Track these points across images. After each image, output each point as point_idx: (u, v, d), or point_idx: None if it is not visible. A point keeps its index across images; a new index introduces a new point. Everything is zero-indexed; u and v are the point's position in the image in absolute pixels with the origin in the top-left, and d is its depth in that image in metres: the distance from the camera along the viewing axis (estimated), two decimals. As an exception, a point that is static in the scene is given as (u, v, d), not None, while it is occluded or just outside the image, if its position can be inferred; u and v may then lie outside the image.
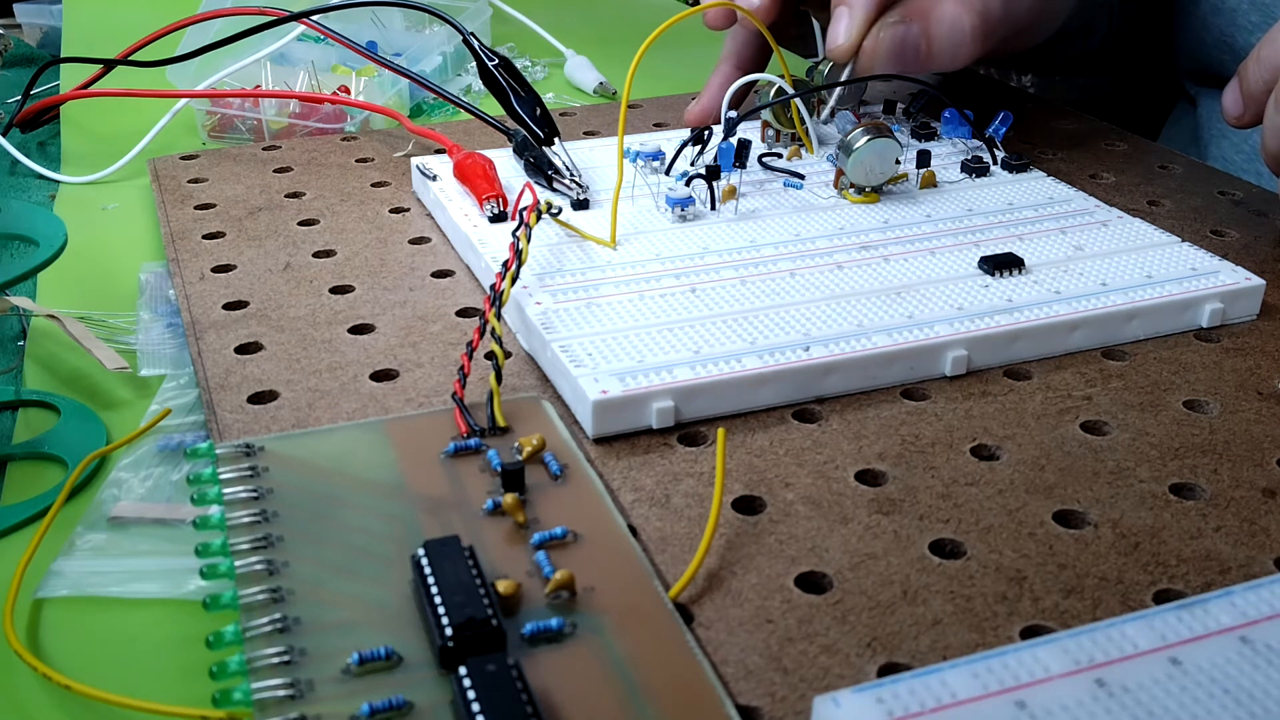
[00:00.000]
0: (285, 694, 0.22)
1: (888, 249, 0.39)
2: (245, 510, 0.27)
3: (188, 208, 0.46)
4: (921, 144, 0.48)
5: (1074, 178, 0.48)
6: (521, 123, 0.47)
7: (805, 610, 0.26)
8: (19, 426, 0.35)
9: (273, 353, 0.36)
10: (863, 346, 0.34)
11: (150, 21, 0.56)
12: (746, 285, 0.37)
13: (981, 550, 0.28)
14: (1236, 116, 0.42)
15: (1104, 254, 0.39)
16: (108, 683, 0.25)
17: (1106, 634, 0.22)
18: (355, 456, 0.29)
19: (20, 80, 0.65)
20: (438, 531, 0.27)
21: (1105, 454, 0.31)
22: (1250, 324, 0.38)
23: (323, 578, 0.25)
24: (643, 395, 0.31)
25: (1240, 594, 0.23)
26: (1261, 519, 0.29)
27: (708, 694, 0.23)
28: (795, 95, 0.46)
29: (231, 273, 0.41)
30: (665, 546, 0.28)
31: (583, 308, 0.35)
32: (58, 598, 0.28)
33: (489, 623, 0.23)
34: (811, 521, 0.29)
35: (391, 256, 0.42)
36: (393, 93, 0.59)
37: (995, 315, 0.35)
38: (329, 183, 0.49)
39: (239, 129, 0.56)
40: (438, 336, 0.37)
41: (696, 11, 0.45)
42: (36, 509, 0.31)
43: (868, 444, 0.32)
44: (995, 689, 0.21)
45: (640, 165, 0.45)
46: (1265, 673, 0.22)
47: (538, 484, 0.29)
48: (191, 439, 0.33)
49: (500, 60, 0.49)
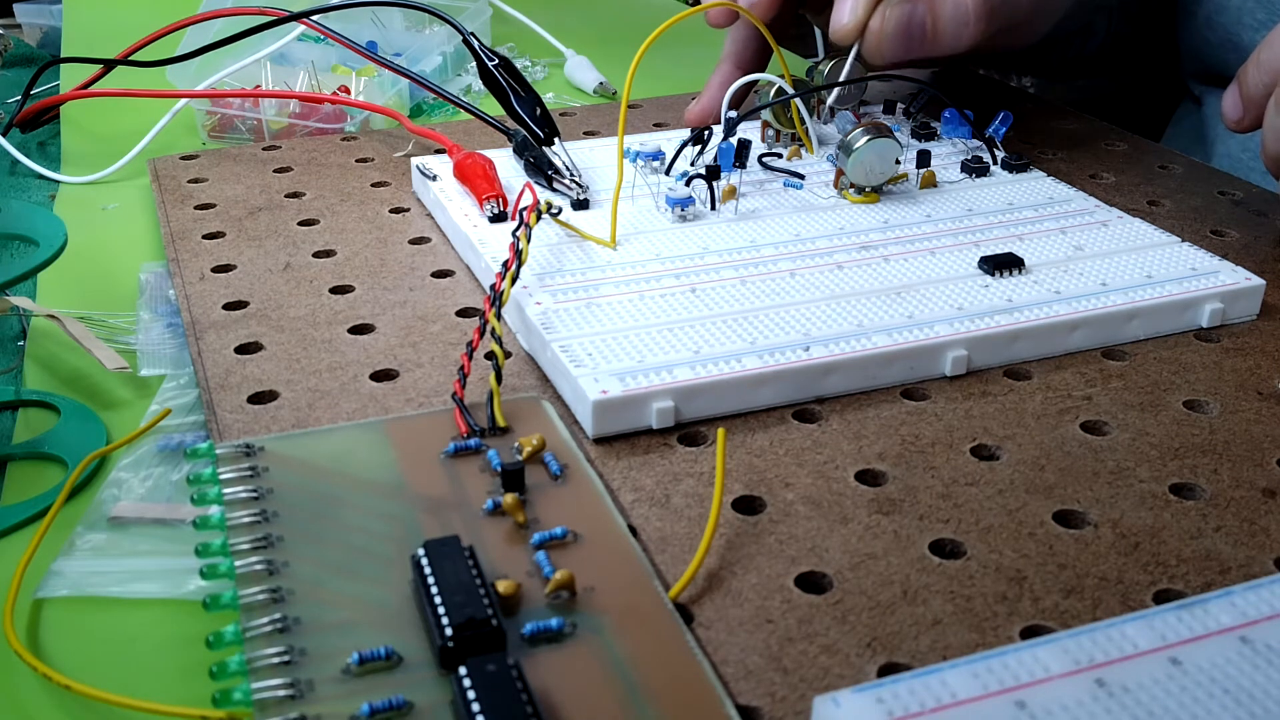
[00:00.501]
0: (285, 694, 0.22)
1: (888, 249, 0.39)
2: (245, 510, 0.27)
3: (188, 208, 0.46)
4: (921, 144, 0.48)
5: (1074, 178, 0.48)
6: (521, 123, 0.47)
7: (805, 610, 0.26)
8: (19, 426, 0.35)
9: (273, 353, 0.36)
10: (863, 346, 0.34)
11: (150, 21, 0.56)
12: (746, 285, 0.37)
13: (981, 550, 0.28)
14: (1236, 120, 0.42)
15: (1104, 254, 0.39)
16: (108, 683, 0.25)
17: (1106, 634, 0.22)
18: (355, 456, 0.29)
19: (20, 80, 0.65)
20: (438, 531, 0.27)
21: (1105, 454, 0.31)
22: (1250, 324, 0.38)
23: (323, 578, 0.25)
24: (643, 395, 0.31)
25: (1240, 594, 0.23)
26: (1261, 519, 0.29)
27: (708, 694, 0.23)
28: (795, 95, 0.46)
29: (231, 273, 0.41)
30: (665, 546, 0.28)
31: (583, 308, 0.35)
32: (57, 597, 0.28)
33: (489, 623, 0.23)
34: (811, 521, 0.29)
35: (391, 256, 0.42)
36: (393, 93, 0.59)
37: (995, 315, 0.35)
38: (329, 183, 0.49)
39: (239, 129, 0.56)
40: (438, 336, 0.37)
41: (697, 11, 0.45)
42: (36, 509, 0.31)
43: (868, 444, 0.32)
44: (995, 689, 0.21)
45: (640, 165, 0.45)
46: (1265, 673, 0.22)
47: (538, 484, 0.29)
48: (191, 439, 0.33)
49: (500, 60, 0.49)
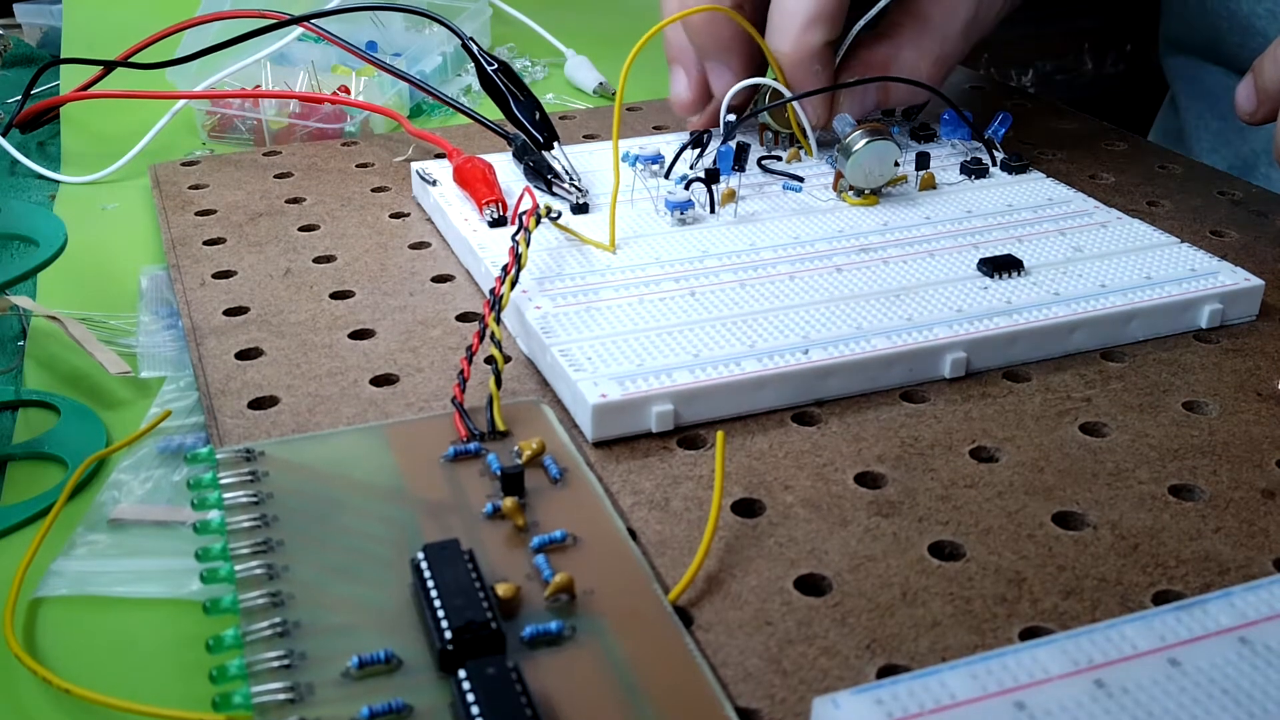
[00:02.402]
0: (285, 698, 0.22)
1: (887, 251, 0.39)
2: (245, 515, 0.27)
3: (188, 214, 0.46)
4: (920, 146, 0.48)
5: (1073, 178, 0.48)
6: (521, 127, 0.47)
7: (805, 612, 0.26)
8: (19, 426, 0.35)
9: (273, 358, 0.36)
10: (862, 349, 0.34)
11: (150, 21, 0.56)
12: (746, 288, 0.37)
13: (981, 552, 0.28)
14: (1250, 113, 0.42)
15: (1103, 255, 0.39)
16: (107, 683, 0.25)
17: (1106, 635, 0.22)
18: (355, 461, 0.29)
19: (20, 80, 0.65)
20: (437, 535, 0.27)
21: (1104, 455, 0.31)
22: (1250, 325, 0.38)
23: (323, 581, 0.25)
24: (642, 399, 0.32)
25: (1239, 595, 0.23)
26: (1261, 520, 0.29)
27: (707, 696, 0.23)
28: (792, 99, 0.46)
29: (232, 279, 0.41)
30: (665, 549, 0.28)
31: (582, 312, 0.35)
32: (58, 598, 0.28)
33: (488, 626, 0.23)
34: (811, 524, 0.29)
35: (391, 261, 0.42)
36: (392, 93, 0.59)
37: (994, 317, 0.35)
38: (329, 188, 0.49)
39: (239, 129, 0.56)
40: (437, 341, 0.37)
41: (691, 14, 0.45)
42: (36, 509, 0.31)
43: (867, 446, 0.32)
44: (994, 690, 0.21)
45: (639, 169, 0.45)
46: (1264, 673, 0.22)
47: (537, 487, 0.29)
48: (191, 441, 0.33)
49: (499, 65, 0.49)
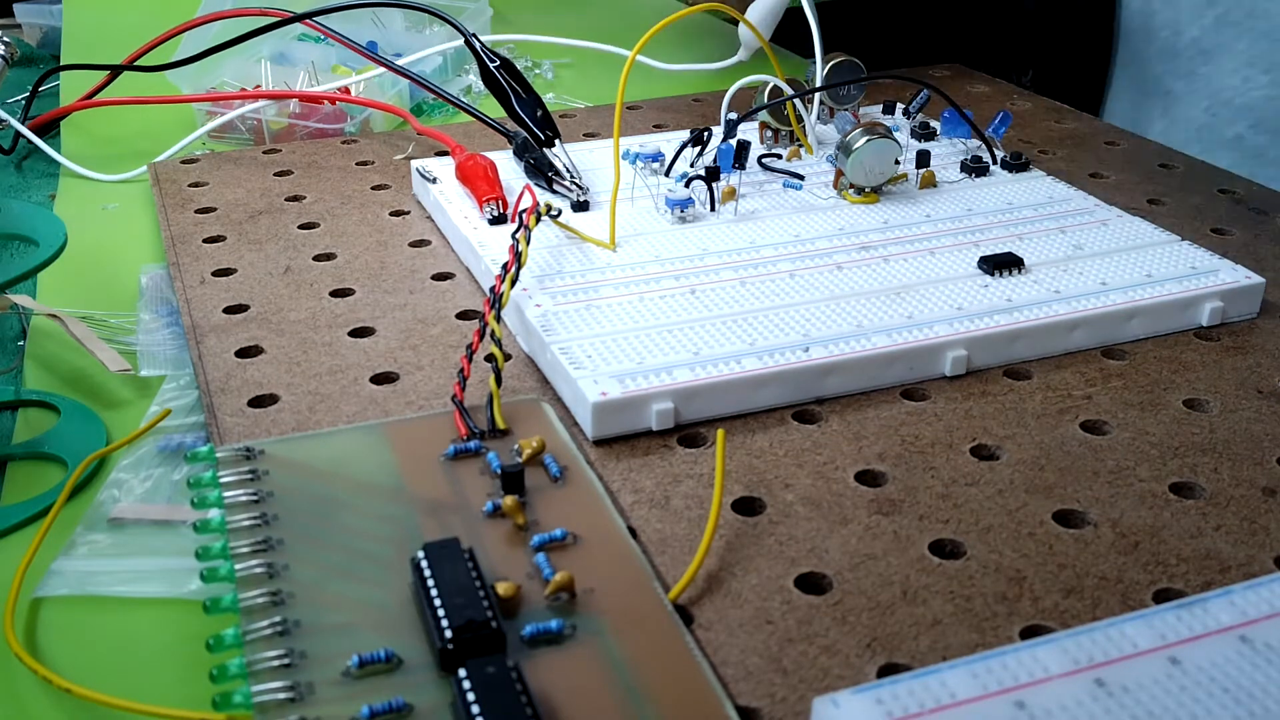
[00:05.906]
0: (285, 697, 0.22)
1: (887, 249, 0.39)
2: (245, 514, 0.27)
3: (188, 212, 0.46)
4: (921, 144, 0.48)
5: (1074, 177, 0.48)
6: (522, 124, 0.47)
7: (805, 611, 0.26)
8: (19, 426, 0.35)
9: (273, 356, 0.36)
10: (862, 347, 0.34)
11: (149, 21, 0.56)
12: (746, 286, 0.37)
13: (981, 550, 0.28)
14: None
15: (1103, 253, 0.39)
16: (108, 682, 0.25)
17: (1106, 634, 0.22)
18: (355, 459, 0.29)
19: (21, 80, 0.65)
20: (437, 534, 0.27)
21: (1105, 453, 0.31)
22: (1250, 322, 0.38)
23: (323, 580, 0.25)
24: (642, 397, 0.31)
25: (1240, 593, 0.23)
26: (1261, 518, 0.29)
27: (707, 695, 0.23)
28: (793, 96, 0.46)
29: (232, 276, 0.41)
30: (665, 548, 0.28)
31: (582, 309, 0.35)
32: (58, 598, 0.28)
33: (489, 625, 0.23)
34: (811, 522, 0.29)
35: (391, 259, 0.42)
36: (392, 93, 0.59)
37: (995, 315, 0.35)
38: (329, 186, 0.49)
39: (239, 128, 0.56)
40: (438, 339, 0.37)
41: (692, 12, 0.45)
42: (36, 509, 0.31)
43: (867, 444, 0.32)
44: (995, 689, 0.21)
45: (640, 167, 0.45)
46: (1265, 672, 0.22)
47: (537, 486, 0.29)
48: (191, 440, 0.33)
49: (501, 61, 0.49)
